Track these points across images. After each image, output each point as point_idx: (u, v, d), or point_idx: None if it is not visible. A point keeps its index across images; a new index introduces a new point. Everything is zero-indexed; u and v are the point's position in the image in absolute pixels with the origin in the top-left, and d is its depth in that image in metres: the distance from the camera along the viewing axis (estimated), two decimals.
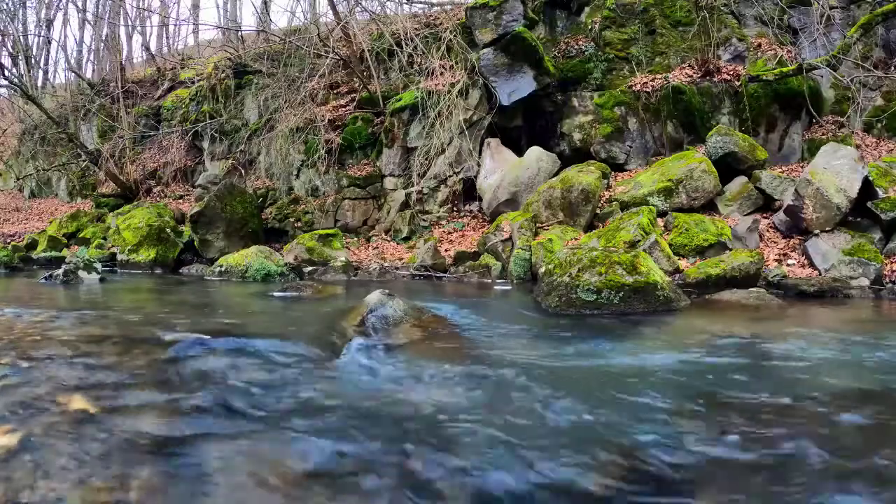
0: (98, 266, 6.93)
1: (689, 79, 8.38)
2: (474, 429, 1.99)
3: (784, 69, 7.87)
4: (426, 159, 9.05)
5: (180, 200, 11.54)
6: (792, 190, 6.44)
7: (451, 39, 9.39)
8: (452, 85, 8.92)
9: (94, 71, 17.73)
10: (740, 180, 7.19)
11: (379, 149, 9.69)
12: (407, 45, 9.85)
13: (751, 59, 8.57)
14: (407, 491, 1.59)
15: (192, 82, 13.33)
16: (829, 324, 4.22)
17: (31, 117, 15.31)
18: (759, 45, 8.72)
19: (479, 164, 8.77)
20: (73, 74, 16.41)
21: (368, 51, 10.31)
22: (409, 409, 2.16)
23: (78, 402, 2.12)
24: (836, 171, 6.28)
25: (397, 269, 7.59)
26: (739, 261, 5.51)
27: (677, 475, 1.68)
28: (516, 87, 8.62)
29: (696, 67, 8.45)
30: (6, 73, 12.63)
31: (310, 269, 7.42)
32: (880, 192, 6.12)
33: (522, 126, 9.19)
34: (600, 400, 2.28)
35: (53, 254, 9.71)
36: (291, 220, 9.84)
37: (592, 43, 9.20)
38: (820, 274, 5.72)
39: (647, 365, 2.83)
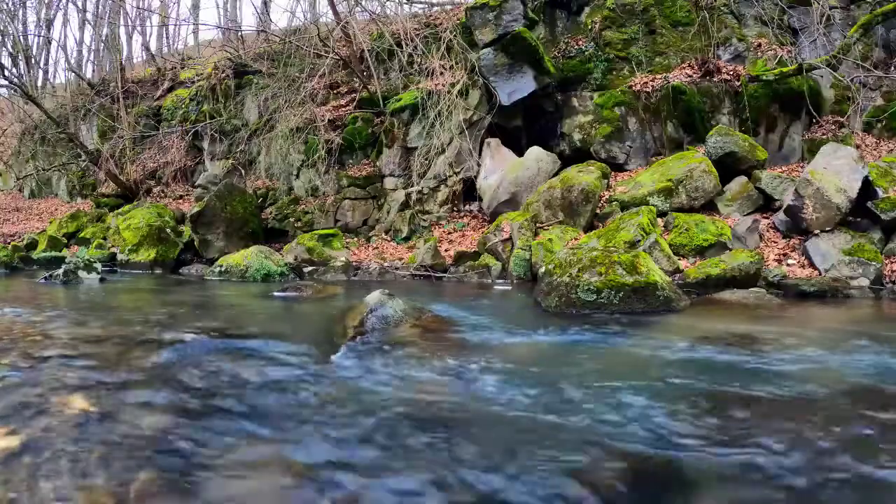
0: (98, 266, 6.93)
1: (689, 79, 8.38)
2: (474, 427, 1.99)
3: (784, 69, 7.87)
4: (426, 159, 9.05)
5: (180, 200, 11.53)
6: (792, 190, 6.44)
7: (451, 39, 9.39)
8: (452, 85, 8.92)
9: (94, 71, 17.74)
10: (740, 180, 7.19)
11: (379, 149, 9.69)
12: (407, 45, 9.85)
13: (751, 59, 8.57)
14: (406, 490, 1.59)
15: (192, 82, 13.33)
16: (828, 324, 4.23)
17: (31, 117, 15.32)
18: (759, 45, 8.73)
19: (479, 164, 8.77)
20: (73, 74, 16.40)
21: (368, 51, 10.31)
22: (409, 409, 2.16)
23: (78, 402, 2.12)
24: (836, 171, 6.28)
25: (397, 269, 7.59)
26: (739, 261, 5.51)
27: (672, 474, 1.68)
28: (516, 87, 8.62)
29: (696, 67, 8.46)
30: (6, 73, 12.62)
31: (310, 269, 7.42)
32: (880, 192, 6.12)
33: (522, 126, 9.18)
34: (599, 399, 2.28)
35: (53, 254, 9.71)
36: (291, 220, 9.84)
37: (592, 43, 9.20)
38: (820, 274, 5.72)
39: (646, 364, 2.84)
